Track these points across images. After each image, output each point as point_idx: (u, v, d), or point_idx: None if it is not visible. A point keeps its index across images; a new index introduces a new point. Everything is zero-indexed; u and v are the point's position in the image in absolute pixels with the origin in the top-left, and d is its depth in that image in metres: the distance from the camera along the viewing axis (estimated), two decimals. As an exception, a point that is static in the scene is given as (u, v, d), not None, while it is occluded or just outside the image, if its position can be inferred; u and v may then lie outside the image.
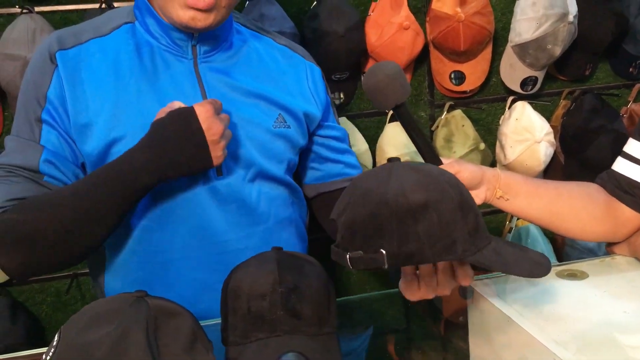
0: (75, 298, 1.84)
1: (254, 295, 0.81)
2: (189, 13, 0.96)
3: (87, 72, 1.02)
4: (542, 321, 0.89)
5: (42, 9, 1.64)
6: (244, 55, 1.13)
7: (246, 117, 1.09)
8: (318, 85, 1.21)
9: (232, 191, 1.08)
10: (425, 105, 2.02)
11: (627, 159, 1.17)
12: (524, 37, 1.83)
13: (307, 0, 1.84)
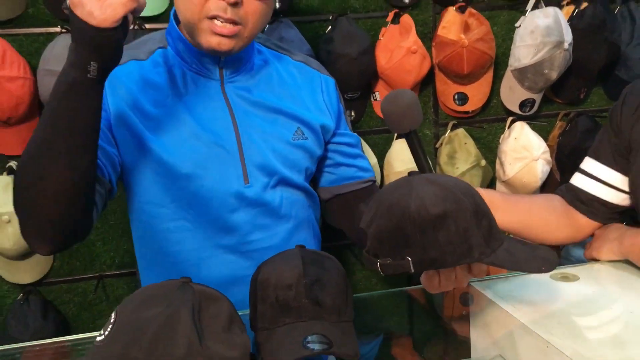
0: (100, 298, 1.92)
1: (281, 285, 0.89)
2: (216, 39, 1.05)
3: (127, 92, 1.10)
4: (538, 316, 0.98)
5: None
6: (265, 74, 1.22)
7: (268, 131, 1.18)
8: (332, 96, 1.29)
9: (257, 197, 1.17)
10: (430, 124, 2.12)
11: (583, 174, 1.36)
12: (522, 62, 1.92)
13: (323, 25, 1.93)
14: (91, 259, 1.91)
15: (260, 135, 1.17)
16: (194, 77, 1.15)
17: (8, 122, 1.69)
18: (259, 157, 1.16)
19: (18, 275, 1.80)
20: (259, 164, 1.17)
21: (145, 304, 0.79)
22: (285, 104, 1.21)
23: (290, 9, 1.88)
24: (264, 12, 1.10)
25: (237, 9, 1.04)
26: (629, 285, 1.13)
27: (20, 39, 1.73)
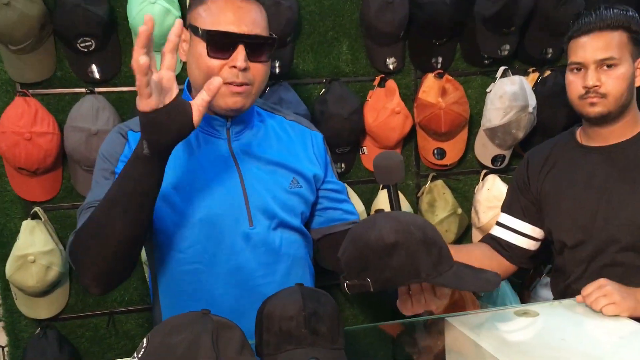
0: (110, 333, 2.05)
1: (284, 317, 1.05)
2: (232, 99, 1.24)
3: None
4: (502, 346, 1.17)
5: (101, 90, 1.94)
6: (264, 132, 1.41)
7: (268, 181, 1.35)
8: (320, 149, 1.47)
9: (260, 238, 1.33)
10: (412, 176, 2.30)
11: (501, 227, 1.73)
12: (493, 123, 2.12)
13: (317, 88, 2.14)
14: (103, 297, 2.04)
15: (262, 185, 1.34)
16: (205, 137, 1.34)
17: (35, 172, 1.86)
18: (261, 203, 1.33)
19: (37, 311, 1.94)
20: (261, 209, 1.33)
21: (172, 331, 0.94)
22: (282, 157, 1.39)
23: (288, 74, 2.08)
24: (266, 72, 1.30)
25: (247, 72, 1.23)
26: (576, 320, 1.31)
27: (49, 98, 1.92)
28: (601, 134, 1.58)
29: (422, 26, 2.11)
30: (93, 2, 1.82)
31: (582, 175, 1.58)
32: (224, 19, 1.23)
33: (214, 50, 1.23)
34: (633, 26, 1.50)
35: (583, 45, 1.51)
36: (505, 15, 2.05)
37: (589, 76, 1.49)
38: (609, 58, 1.48)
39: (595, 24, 1.50)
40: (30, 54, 1.85)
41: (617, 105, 1.50)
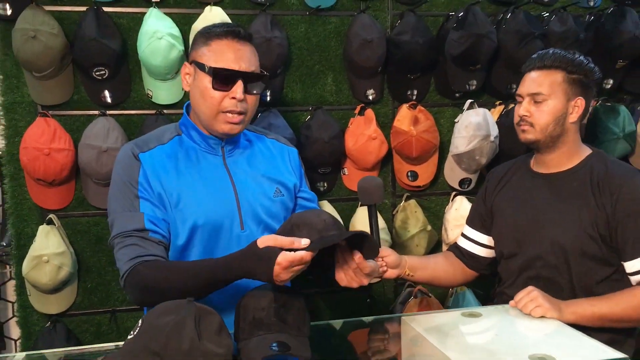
0: (112, 329, 2.24)
1: (257, 308, 1.25)
2: (229, 126, 1.47)
3: (159, 168, 1.48)
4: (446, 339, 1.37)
5: (112, 112, 2.15)
6: (251, 150, 1.62)
7: (257, 191, 1.55)
8: (296, 162, 1.69)
9: (250, 240, 1.44)
10: (388, 195, 2.50)
11: (464, 237, 1.94)
12: (459, 149, 2.32)
13: (303, 115, 2.35)
14: (107, 296, 2.24)
15: (252, 194, 1.55)
16: (203, 154, 1.54)
17: (52, 183, 2.07)
18: (250, 209, 1.54)
19: (47, 307, 2.13)
20: (251, 215, 1.54)
21: (161, 314, 1.11)
22: (267, 170, 1.60)
23: (279, 102, 2.30)
24: (257, 103, 1.53)
25: (243, 102, 1.46)
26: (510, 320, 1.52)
27: (66, 119, 2.13)
28: (543, 161, 1.77)
29: (398, 62, 2.33)
30: (107, 37, 2.04)
31: (525, 195, 1.77)
32: (225, 58, 1.45)
33: (218, 84, 1.45)
34: (571, 68, 1.67)
35: (524, 80, 1.73)
36: (471, 54, 2.27)
37: (522, 107, 1.71)
38: (537, 93, 1.68)
39: (535, 64, 1.71)
40: (51, 80, 2.07)
41: (544, 135, 1.69)
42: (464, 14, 2.30)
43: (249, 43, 1.50)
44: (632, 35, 2.36)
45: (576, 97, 1.69)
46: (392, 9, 2.40)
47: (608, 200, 1.63)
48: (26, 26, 1.95)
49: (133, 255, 1.40)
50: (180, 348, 1.06)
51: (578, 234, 1.65)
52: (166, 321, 1.09)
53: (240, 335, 1.25)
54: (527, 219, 1.74)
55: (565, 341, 1.37)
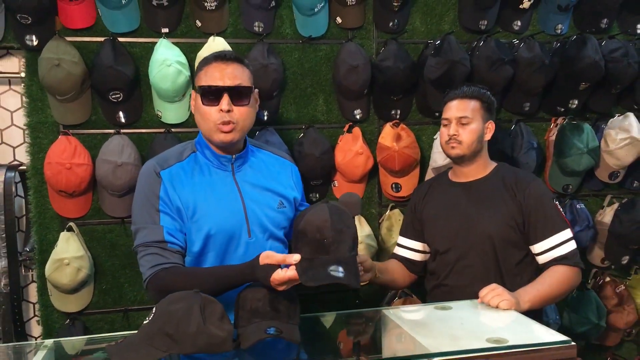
0: (124, 326, 2.41)
1: (254, 299, 1.43)
2: (222, 135, 1.64)
3: (177, 183, 1.66)
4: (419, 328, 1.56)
5: (125, 131, 2.34)
6: (257, 165, 1.80)
7: (262, 203, 1.73)
8: (297, 178, 1.89)
9: (257, 246, 1.70)
10: (375, 205, 2.67)
11: (399, 246, 2.24)
12: (438, 163, 2.50)
13: (297, 132, 2.53)
14: (120, 296, 2.41)
15: (258, 206, 1.73)
16: (215, 170, 1.73)
17: (72, 195, 2.25)
18: (257, 219, 1.72)
19: (67, 306, 2.31)
20: (257, 224, 1.72)
21: (172, 302, 1.30)
22: (272, 185, 1.78)
23: (275, 121, 2.50)
24: (248, 113, 1.69)
25: (231, 114, 1.63)
26: (475, 312, 1.71)
27: (85, 137, 2.31)
28: (463, 172, 2.11)
29: (382, 85, 2.53)
30: (122, 64, 2.24)
31: (450, 201, 2.11)
32: (212, 77, 1.66)
33: (206, 99, 1.65)
34: (484, 98, 2.07)
35: (450, 107, 2.07)
36: (447, 78, 2.46)
37: (451, 128, 2.04)
38: (464, 117, 2.04)
39: (458, 95, 2.06)
40: (72, 102, 2.26)
41: (469, 150, 2.04)
42: (440, 42, 2.50)
43: (235, 63, 1.68)
44: (593, 60, 2.57)
45: (488, 121, 2.08)
46: (376, 37, 2.61)
47: (521, 195, 2.00)
48: (51, 55, 2.15)
49: (155, 263, 1.59)
50: (188, 330, 1.24)
51: (501, 225, 1.99)
52: (177, 308, 1.27)
53: (239, 322, 1.42)
54: (457, 218, 2.06)
55: (519, 327, 1.57)
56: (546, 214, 1.98)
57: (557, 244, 1.97)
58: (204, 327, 1.24)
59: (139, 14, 2.35)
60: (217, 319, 1.28)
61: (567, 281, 1.94)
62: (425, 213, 2.17)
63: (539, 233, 1.98)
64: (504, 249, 2.00)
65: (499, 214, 2.00)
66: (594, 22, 2.81)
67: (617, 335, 2.94)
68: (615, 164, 2.75)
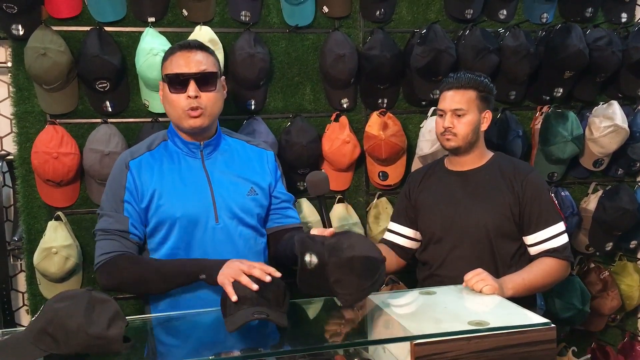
0: None
1: (242, 288, 1.42)
2: (191, 120, 1.67)
3: (145, 171, 1.71)
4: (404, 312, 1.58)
5: (112, 120, 2.33)
6: (229, 153, 1.82)
7: (231, 189, 1.75)
8: (272, 165, 1.88)
9: (224, 231, 1.73)
10: (363, 193, 2.68)
11: (389, 232, 2.21)
12: (424, 151, 2.51)
13: (284, 121, 2.54)
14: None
15: (226, 191, 1.75)
16: (185, 157, 1.76)
17: (59, 184, 2.25)
18: (224, 205, 1.74)
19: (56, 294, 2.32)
20: (225, 209, 1.73)
21: (59, 300, 1.24)
22: (242, 172, 1.80)
23: (262, 110, 2.50)
24: (216, 98, 1.72)
25: (198, 99, 1.66)
26: (459, 296, 1.72)
27: (72, 126, 2.30)
28: (459, 161, 2.09)
29: (369, 74, 2.54)
30: (109, 53, 2.23)
31: (445, 189, 2.09)
32: (177, 65, 1.68)
33: (173, 87, 1.68)
34: (481, 88, 2.00)
35: (444, 97, 2.02)
36: (432, 67, 2.48)
37: (446, 120, 1.99)
38: (459, 109, 1.99)
39: (453, 84, 2.00)
40: (59, 92, 2.25)
41: (464, 142, 2.01)
42: (426, 31, 2.51)
43: (200, 51, 1.71)
44: (577, 48, 2.58)
45: (485, 110, 2.04)
46: (363, 26, 2.61)
47: (519, 186, 1.98)
48: (37, 45, 2.14)
49: (111, 249, 1.65)
50: (68, 330, 1.19)
51: (497, 215, 1.96)
52: (61, 306, 1.22)
53: (227, 311, 1.42)
54: (452, 207, 2.03)
55: (501, 311, 1.58)
56: (542, 206, 1.98)
57: (550, 237, 1.97)
58: (86, 326, 1.19)
59: (125, 3, 2.35)
60: (107, 318, 1.22)
61: (555, 273, 1.96)
62: (420, 200, 2.14)
63: (533, 225, 1.98)
64: (499, 239, 1.99)
65: (495, 204, 1.99)
66: (578, 11, 2.83)
67: (601, 321, 2.98)
68: (599, 151, 2.77)
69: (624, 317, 3.10)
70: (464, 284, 1.77)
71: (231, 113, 2.46)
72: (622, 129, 2.69)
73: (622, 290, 2.96)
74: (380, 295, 1.78)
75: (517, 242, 2.01)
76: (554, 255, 1.96)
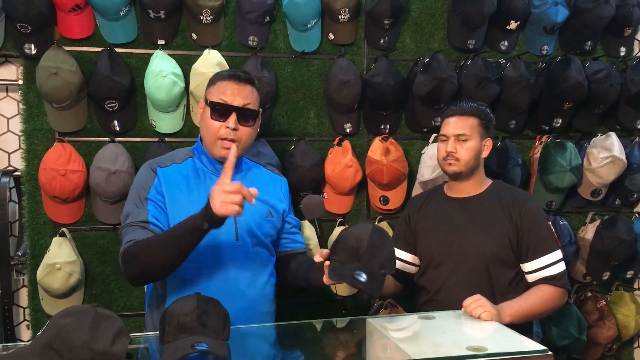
0: None
1: (182, 314, 1.35)
2: (224, 151, 1.71)
3: (171, 183, 1.75)
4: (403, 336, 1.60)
5: (120, 139, 2.37)
6: (249, 176, 1.88)
7: (252, 210, 1.76)
8: (286, 191, 1.97)
9: (243, 250, 1.78)
10: (363, 217, 2.70)
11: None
12: (425, 177, 2.54)
13: (289, 144, 2.57)
14: (109, 302, 2.43)
15: (247, 212, 1.72)
16: (210, 175, 1.81)
17: (65, 201, 2.28)
18: (245, 225, 1.78)
19: (57, 310, 2.22)
20: (245, 229, 1.78)
21: (65, 316, 1.23)
22: (261, 195, 1.79)
23: (267, 133, 2.54)
24: (250, 133, 1.78)
25: (236, 132, 1.72)
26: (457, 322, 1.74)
27: (80, 144, 2.34)
28: (459, 188, 2.11)
29: (373, 100, 2.59)
30: (119, 74, 2.28)
31: (445, 216, 2.10)
32: (223, 93, 1.74)
33: (215, 114, 1.73)
34: (482, 116, 2.06)
35: (447, 123, 2.06)
36: (435, 94, 2.53)
37: (449, 145, 2.03)
38: (462, 134, 2.03)
39: (457, 111, 2.05)
40: (68, 110, 2.29)
41: (466, 167, 2.04)
42: (429, 60, 2.57)
43: (248, 84, 1.77)
44: (576, 80, 2.64)
45: (486, 138, 2.08)
46: (367, 53, 2.67)
47: (517, 214, 2.01)
48: (49, 64, 2.19)
49: (132, 238, 1.65)
50: (73, 345, 1.18)
51: (495, 242, 1.99)
52: (66, 322, 1.21)
53: (165, 338, 1.35)
54: (449, 234, 2.06)
55: (499, 337, 1.60)
56: (539, 234, 1.99)
57: (547, 265, 1.98)
58: (91, 342, 1.18)
59: (136, 26, 2.40)
60: (112, 335, 1.22)
61: (552, 300, 1.97)
62: (419, 225, 2.16)
63: (531, 252, 1.99)
64: (497, 267, 2.01)
65: (494, 232, 2.00)
66: (578, 44, 2.89)
67: (597, 350, 2.99)
68: (597, 181, 2.81)
69: (620, 346, 3.11)
70: (462, 309, 1.79)
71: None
72: (619, 160, 2.73)
73: (619, 319, 2.97)
74: (379, 319, 1.80)
75: (514, 270, 2.03)
76: (551, 282, 1.97)
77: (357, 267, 1.56)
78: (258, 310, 1.82)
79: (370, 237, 1.57)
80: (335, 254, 1.61)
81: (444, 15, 2.76)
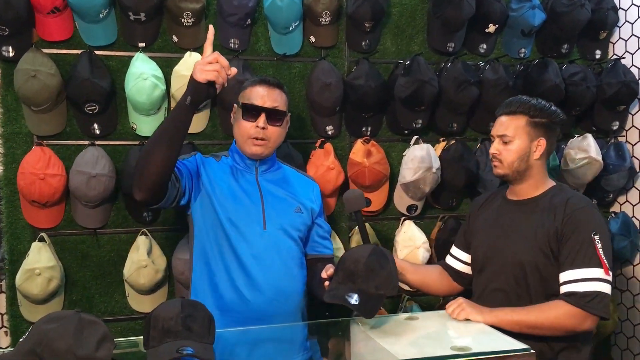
0: None
1: (166, 318, 1.34)
2: (254, 148, 1.93)
3: (207, 166, 1.97)
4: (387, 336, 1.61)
5: (100, 143, 2.34)
6: (280, 174, 2.08)
7: (280, 203, 1.96)
8: (318, 195, 2.14)
9: (270, 238, 1.92)
10: (346, 219, 2.70)
11: (450, 256, 2.17)
12: (406, 179, 2.56)
13: (270, 147, 2.59)
14: (90, 307, 2.39)
15: (276, 204, 1.97)
16: (242, 171, 2.01)
17: (45, 205, 2.24)
18: (273, 215, 1.94)
19: (36, 316, 2.25)
20: (273, 220, 1.93)
21: (48, 321, 1.22)
22: (290, 190, 2.03)
23: (248, 135, 2.54)
24: (279, 132, 1.98)
25: (265, 131, 1.90)
26: (442, 322, 1.77)
27: (59, 148, 2.31)
28: (514, 190, 2.01)
29: (354, 103, 2.60)
30: (98, 77, 2.24)
31: (496, 219, 2.02)
32: (255, 97, 1.95)
33: (247, 115, 1.92)
34: (533, 113, 1.90)
35: (496, 123, 1.98)
36: (415, 97, 2.55)
37: (493, 146, 1.98)
38: (503, 135, 1.92)
39: (504, 109, 1.97)
40: (47, 113, 2.26)
41: (510, 170, 1.92)
42: (410, 62, 2.59)
43: (277, 88, 1.98)
44: (553, 83, 2.68)
45: (538, 138, 1.91)
46: (348, 56, 2.68)
47: (560, 217, 1.83)
48: (27, 67, 2.16)
49: None
50: (57, 351, 1.17)
51: (534, 251, 1.86)
52: (50, 327, 1.20)
53: (151, 342, 1.34)
54: (495, 238, 1.97)
55: (483, 337, 1.63)
56: (577, 244, 1.78)
57: (576, 279, 1.76)
58: (75, 348, 1.17)
59: (116, 28, 2.38)
60: (96, 340, 1.21)
61: (559, 318, 1.75)
62: (475, 226, 2.09)
63: (566, 262, 1.79)
64: (535, 276, 1.85)
65: (535, 239, 1.85)
66: (555, 47, 2.94)
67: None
68: (574, 182, 2.86)
69: (598, 344, 3.16)
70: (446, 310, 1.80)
71: (219, 138, 2.49)
72: (596, 161, 2.78)
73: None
74: (364, 319, 1.80)
75: (555, 283, 1.83)
76: (569, 299, 1.75)
77: (351, 289, 1.61)
78: (292, 301, 1.95)
79: (367, 259, 1.63)
80: (336, 274, 1.69)
81: (424, 18, 2.79)
